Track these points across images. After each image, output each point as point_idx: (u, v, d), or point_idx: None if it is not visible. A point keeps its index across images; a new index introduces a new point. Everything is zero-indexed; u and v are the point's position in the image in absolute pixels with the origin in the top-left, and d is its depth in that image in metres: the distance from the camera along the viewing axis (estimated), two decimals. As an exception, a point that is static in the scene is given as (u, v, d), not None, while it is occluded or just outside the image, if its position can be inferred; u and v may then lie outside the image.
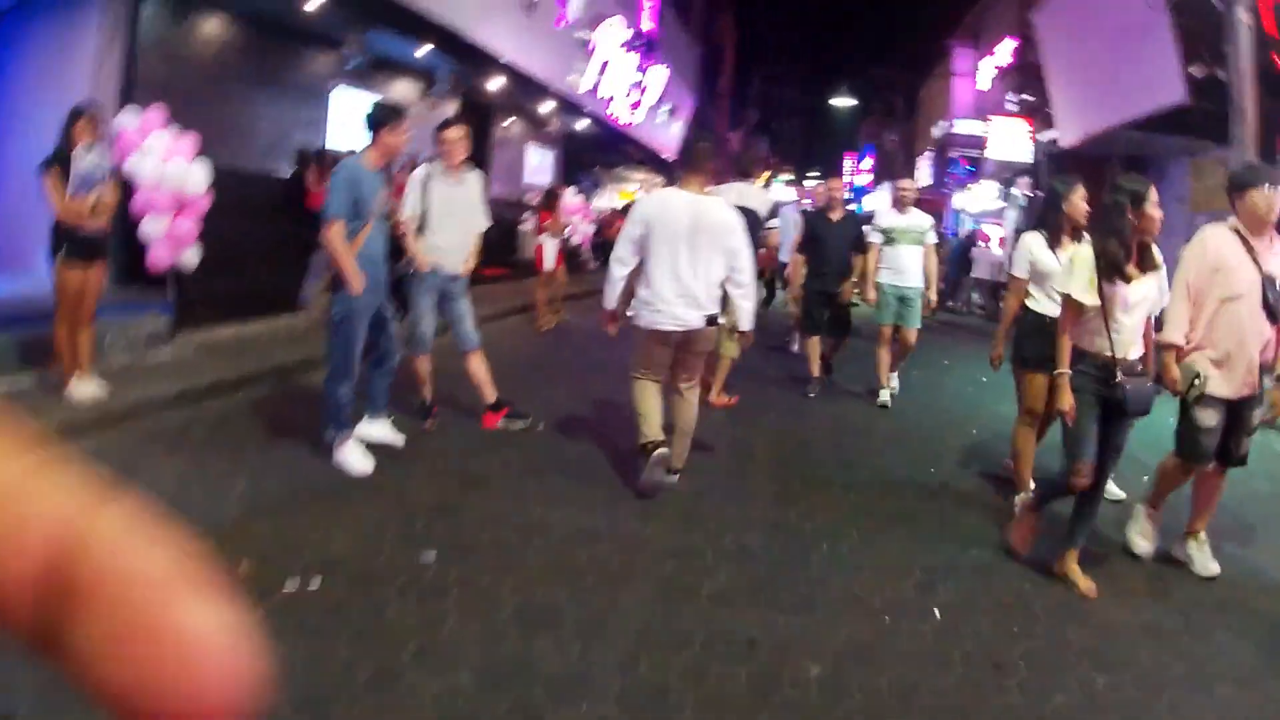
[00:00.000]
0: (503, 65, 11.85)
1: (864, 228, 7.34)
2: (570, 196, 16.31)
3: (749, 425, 6.24)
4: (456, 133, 5.23)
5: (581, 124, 16.79)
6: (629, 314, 4.67)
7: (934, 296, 7.37)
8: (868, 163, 46.10)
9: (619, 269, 4.55)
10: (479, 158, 15.09)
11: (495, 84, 12.66)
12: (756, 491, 4.82)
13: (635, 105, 17.77)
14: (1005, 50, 22.87)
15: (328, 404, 4.56)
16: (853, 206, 10.17)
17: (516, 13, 11.70)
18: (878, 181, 44.19)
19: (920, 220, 7.08)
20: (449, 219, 5.30)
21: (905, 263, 6.95)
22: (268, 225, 7.84)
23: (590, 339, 9.49)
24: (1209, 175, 13.94)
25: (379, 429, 4.97)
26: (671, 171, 25.99)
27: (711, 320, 4.49)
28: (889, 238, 7.00)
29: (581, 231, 16.50)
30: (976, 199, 23.24)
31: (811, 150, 49.86)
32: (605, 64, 15.62)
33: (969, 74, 27.09)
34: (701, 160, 4.60)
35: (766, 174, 10.04)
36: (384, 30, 10.06)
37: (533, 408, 5.82)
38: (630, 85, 17.15)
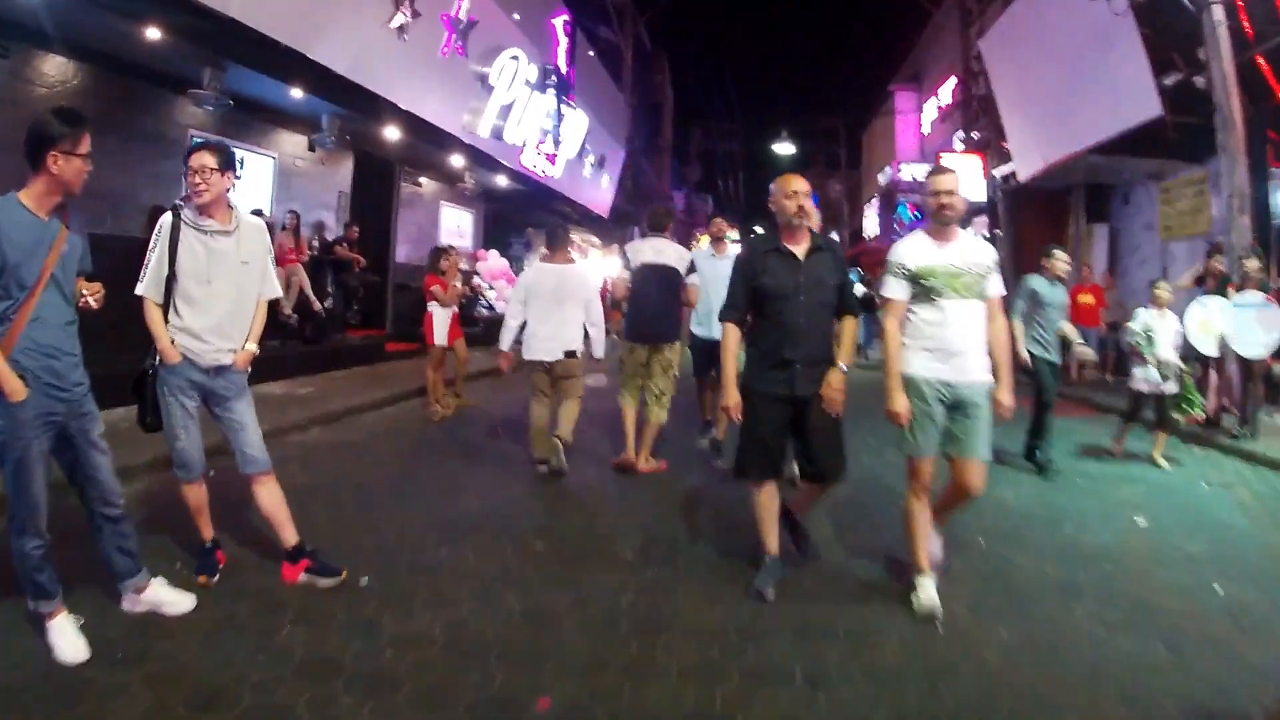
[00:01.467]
0: (390, 107, 10.17)
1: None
2: (494, 260, 14.68)
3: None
4: (208, 159, 3.50)
5: (500, 179, 15.20)
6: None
7: (1007, 398, 3.64)
8: (813, 214, 45.56)
9: (512, 321, 5.88)
10: (381, 219, 13.78)
11: (390, 132, 11.01)
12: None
13: (551, 157, 15.90)
14: (947, 89, 22.18)
15: (16, 563, 3.02)
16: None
17: (391, 41, 9.93)
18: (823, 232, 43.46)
19: (979, 254, 3.69)
20: (207, 287, 3.56)
21: (952, 332, 3.61)
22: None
23: (495, 427, 7.69)
24: (1179, 199, 12.89)
25: (155, 591, 3.39)
26: (607, 230, 24.90)
27: (570, 354, 5.76)
28: (924, 285, 3.66)
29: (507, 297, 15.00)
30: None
31: (757, 203, 49.25)
32: (508, 106, 13.55)
33: (913, 116, 26.45)
34: (563, 239, 6.10)
35: (705, 236, 8.59)
36: (243, 67, 8.37)
37: (372, 546, 4.22)
38: (541, 131, 15.11)
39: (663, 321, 5.85)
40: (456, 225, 16.56)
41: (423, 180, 14.95)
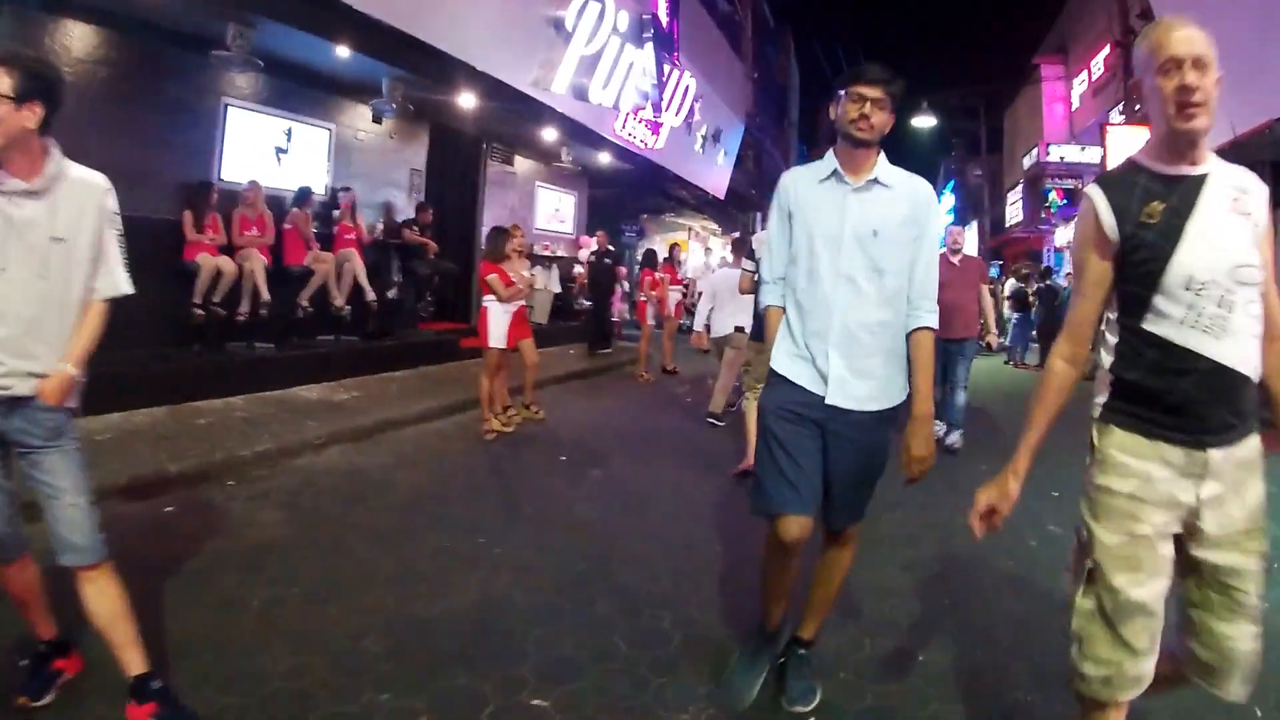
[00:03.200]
0: (455, 65, 8.68)
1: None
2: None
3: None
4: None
5: (602, 156, 13.64)
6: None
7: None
8: (949, 200, 42.15)
9: (703, 307, 6.99)
10: (464, 200, 12.58)
11: (466, 100, 9.61)
12: None
13: (653, 126, 13.75)
14: (1100, 60, 19.33)
15: None
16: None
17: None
18: (962, 221, 40.23)
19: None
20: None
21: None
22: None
23: (560, 447, 6.13)
24: None
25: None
26: (726, 215, 22.97)
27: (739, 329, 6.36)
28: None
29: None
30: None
31: None
32: (593, 58, 11.05)
33: (1061, 91, 23.46)
34: (739, 247, 7.37)
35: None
36: (274, 21, 7.09)
37: (290, 672, 2.69)
38: (640, 94, 12.60)
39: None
40: (555, 209, 15.12)
41: (515, 158, 13.57)
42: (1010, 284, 16.52)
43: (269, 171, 8.66)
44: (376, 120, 9.93)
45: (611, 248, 12.35)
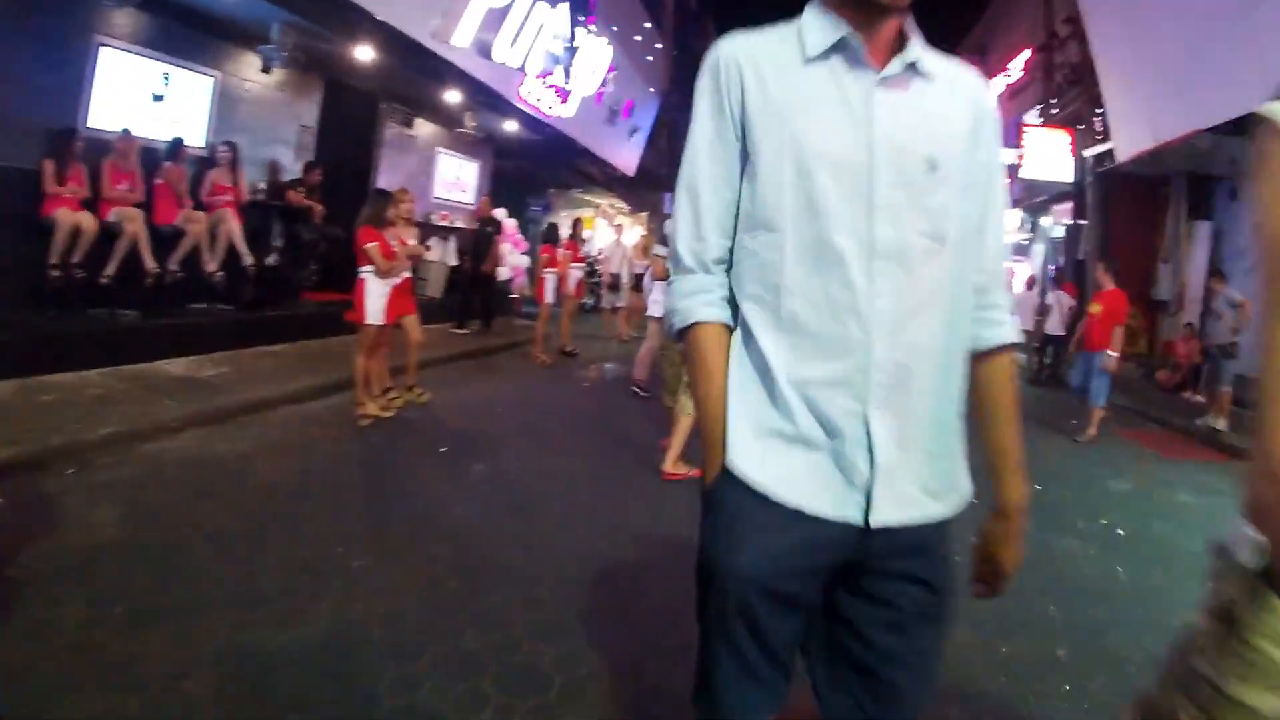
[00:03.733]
0: (352, 12, 7.93)
1: None
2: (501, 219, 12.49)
3: None
4: None
5: (509, 125, 12.97)
6: None
7: None
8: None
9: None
10: (358, 163, 11.65)
11: (363, 53, 8.84)
12: None
13: (561, 92, 13.00)
14: (1019, 63, 19.73)
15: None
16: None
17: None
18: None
19: None
20: None
21: None
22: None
23: (443, 436, 5.60)
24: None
25: None
26: (636, 194, 22.47)
27: None
28: None
29: (514, 265, 12.76)
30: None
31: None
32: (500, 12, 10.26)
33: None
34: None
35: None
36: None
37: None
38: (549, 58, 11.86)
39: None
40: (456, 176, 14.35)
41: (416, 121, 12.74)
42: None
43: (143, 120, 7.78)
44: (265, 70, 9.00)
45: (496, 216, 11.66)
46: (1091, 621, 3.50)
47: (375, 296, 5.85)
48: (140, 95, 7.87)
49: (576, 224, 11.12)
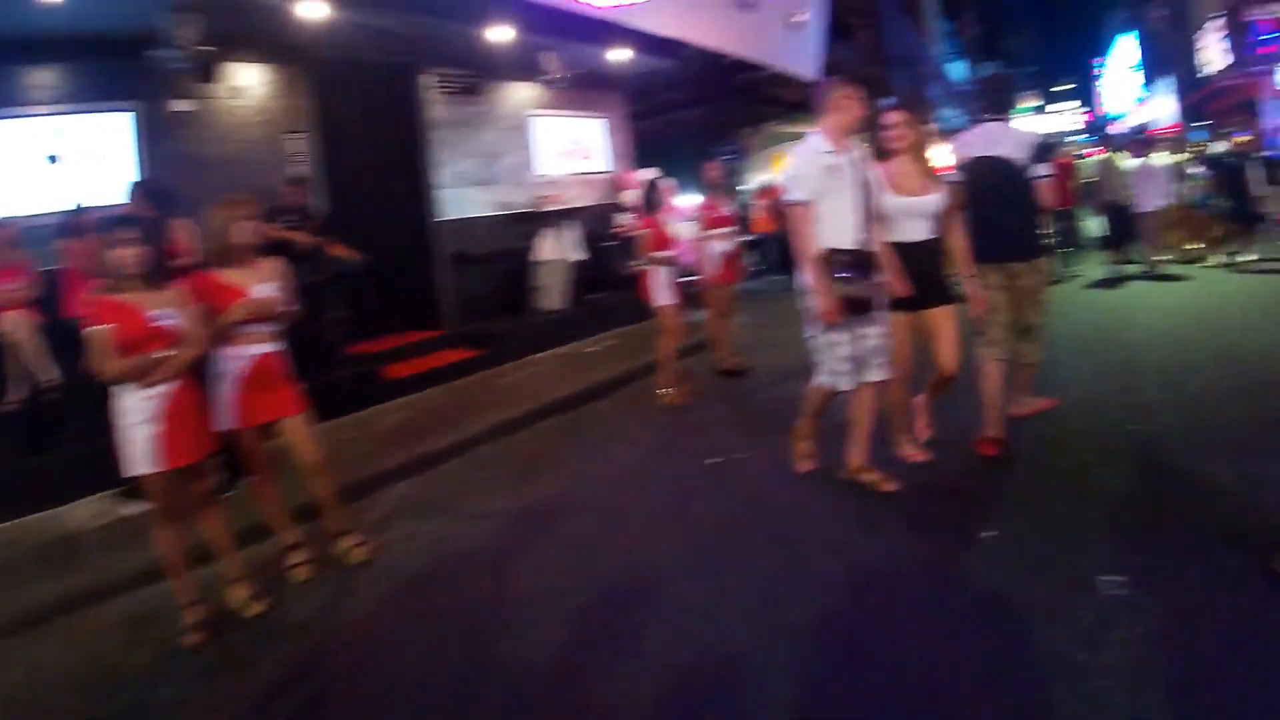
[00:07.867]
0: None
1: None
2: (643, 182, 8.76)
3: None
4: None
5: (618, 55, 9.28)
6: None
7: None
8: (1125, 59, 33.97)
9: None
10: (408, 153, 8.30)
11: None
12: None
13: None
14: None
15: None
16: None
17: None
18: (1151, 82, 32.35)
19: None
20: None
21: None
22: None
23: None
24: None
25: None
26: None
27: None
28: None
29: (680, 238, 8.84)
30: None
31: (1053, 59, 37.43)
32: None
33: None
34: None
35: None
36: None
37: None
38: None
39: (1011, 233, 4.23)
40: (574, 142, 10.88)
41: (485, 86, 9.35)
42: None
43: (37, 192, 6.16)
44: (166, 74, 6.21)
45: (635, 181, 8.21)
46: None
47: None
48: (27, 163, 6.24)
49: (710, 169, 7.11)
